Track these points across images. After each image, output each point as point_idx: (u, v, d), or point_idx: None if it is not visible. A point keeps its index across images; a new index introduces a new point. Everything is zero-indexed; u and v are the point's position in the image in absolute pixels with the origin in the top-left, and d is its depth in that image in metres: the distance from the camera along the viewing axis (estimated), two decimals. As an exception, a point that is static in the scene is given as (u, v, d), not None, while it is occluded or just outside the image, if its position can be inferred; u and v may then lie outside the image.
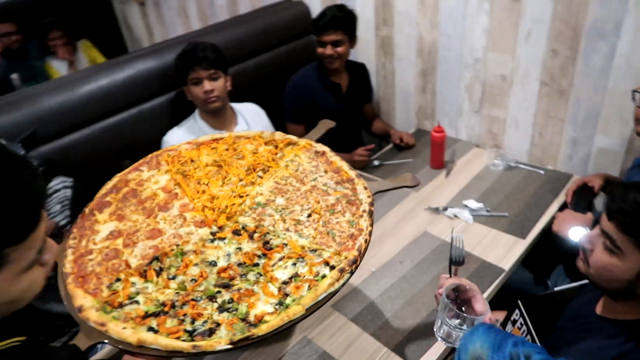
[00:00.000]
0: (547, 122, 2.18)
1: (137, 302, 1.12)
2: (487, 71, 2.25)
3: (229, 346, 1.00)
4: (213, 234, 1.29)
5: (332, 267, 1.15)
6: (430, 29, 2.38)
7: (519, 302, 1.30)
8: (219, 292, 1.12)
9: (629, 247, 0.98)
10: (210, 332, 1.03)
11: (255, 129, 2.05)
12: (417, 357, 1.37)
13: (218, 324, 1.05)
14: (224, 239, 1.27)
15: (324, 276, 1.13)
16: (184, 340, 1.01)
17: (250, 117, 2.19)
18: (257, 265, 1.19)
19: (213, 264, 1.20)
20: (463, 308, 1.11)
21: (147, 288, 1.15)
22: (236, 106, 2.21)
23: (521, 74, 2.14)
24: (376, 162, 2.35)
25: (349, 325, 1.49)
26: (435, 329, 1.14)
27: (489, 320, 1.02)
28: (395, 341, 1.42)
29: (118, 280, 1.18)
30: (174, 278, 1.17)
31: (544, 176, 2.13)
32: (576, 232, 1.60)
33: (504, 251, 1.72)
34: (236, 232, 1.28)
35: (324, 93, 2.44)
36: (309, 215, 1.32)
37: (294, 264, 1.17)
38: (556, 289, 1.38)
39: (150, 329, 1.05)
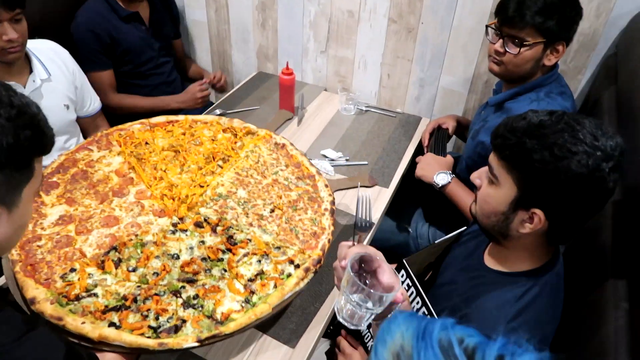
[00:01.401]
0: (395, 63, 2.11)
1: (95, 294, 1.08)
2: (333, 6, 2.08)
3: (196, 344, 1.00)
4: (174, 225, 1.26)
5: (297, 266, 1.18)
6: (265, -47, 2.11)
7: (405, 261, 1.20)
8: (183, 287, 1.11)
9: (503, 173, 0.97)
10: (176, 329, 1.03)
11: (58, 75, 1.69)
12: (298, 335, 1.19)
13: (184, 321, 1.04)
14: (186, 230, 1.25)
15: (289, 274, 1.15)
16: (148, 337, 1.00)
17: (49, 59, 1.69)
18: (221, 260, 1.18)
19: (175, 257, 1.18)
20: (367, 281, 0.96)
21: (106, 280, 1.11)
22: (28, 46, 1.60)
23: (369, 9, 2.02)
24: (218, 111, 2.04)
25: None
26: (336, 309, 0.96)
27: (401, 295, 0.93)
28: (269, 324, 1.21)
29: (73, 270, 1.12)
30: (134, 270, 1.14)
31: (395, 120, 2.08)
32: (442, 177, 1.59)
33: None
34: (198, 224, 1.26)
35: (123, 26, 2.03)
36: (272, 211, 1.33)
37: (259, 261, 1.18)
38: (437, 241, 1.33)
39: (112, 324, 1.02)
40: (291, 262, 1.19)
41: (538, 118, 0.94)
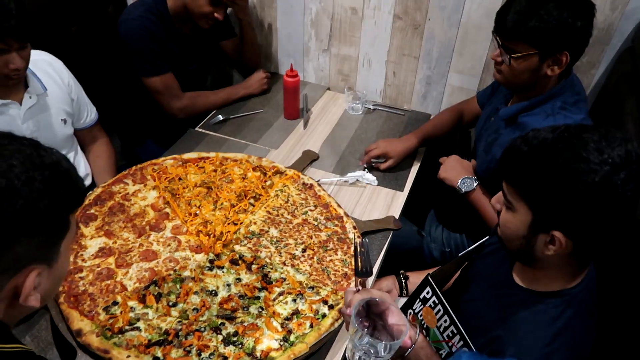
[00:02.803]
0: (401, 60, 2.08)
1: (138, 328, 1.11)
2: (336, 3, 2.05)
3: (238, 381, 1.03)
4: (211, 261, 1.30)
5: (331, 306, 1.21)
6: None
7: (429, 277, 1.17)
8: (222, 323, 1.14)
9: (516, 199, 0.96)
10: (218, 366, 1.05)
11: (54, 89, 1.60)
12: (322, 355, 1.18)
13: (225, 358, 1.07)
14: (222, 267, 1.29)
15: (324, 315, 1.19)
16: (192, 373, 1.03)
17: (44, 72, 1.60)
18: (258, 298, 1.22)
19: (214, 293, 1.21)
20: (377, 323, 0.98)
21: (148, 314, 1.14)
22: None
23: (373, 6, 1.98)
24: (220, 117, 1.99)
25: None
26: (347, 356, 0.98)
27: (409, 338, 0.93)
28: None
29: (115, 303, 1.15)
30: (174, 305, 1.17)
31: (404, 118, 2.04)
32: (467, 183, 1.55)
33: (385, 207, 1.60)
34: (234, 262, 1.30)
35: (169, 42, 1.92)
36: (304, 250, 1.37)
37: (294, 300, 1.22)
38: (460, 254, 1.29)
39: (156, 358, 1.05)
40: (325, 302, 1.23)
41: (538, 139, 0.92)
